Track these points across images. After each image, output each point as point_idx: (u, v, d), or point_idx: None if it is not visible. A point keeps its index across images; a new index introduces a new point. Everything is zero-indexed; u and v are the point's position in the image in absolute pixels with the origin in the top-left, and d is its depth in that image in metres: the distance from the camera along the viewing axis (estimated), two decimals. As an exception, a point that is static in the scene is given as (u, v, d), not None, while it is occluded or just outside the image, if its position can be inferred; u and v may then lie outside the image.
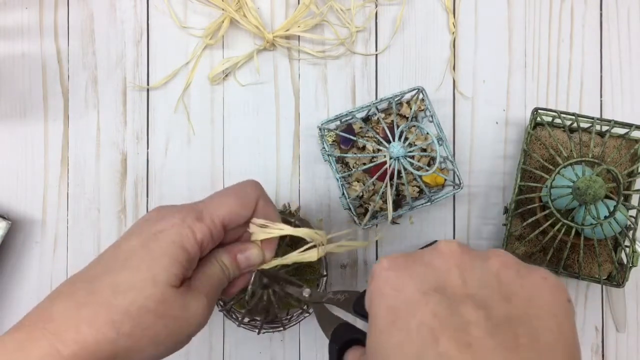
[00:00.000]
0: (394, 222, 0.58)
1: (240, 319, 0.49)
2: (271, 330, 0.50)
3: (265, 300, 0.45)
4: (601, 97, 0.58)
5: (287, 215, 0.51)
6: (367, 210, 0.55)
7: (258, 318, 0.50)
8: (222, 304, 0.49)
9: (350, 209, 0.54)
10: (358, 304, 0.37)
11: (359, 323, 0.55)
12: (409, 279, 0.28)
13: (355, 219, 0.53)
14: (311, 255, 0.40)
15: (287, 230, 0.38)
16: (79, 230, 0.58)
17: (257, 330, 0.49)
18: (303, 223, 0.51)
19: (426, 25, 0.58)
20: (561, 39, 0.58)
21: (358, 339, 0.36)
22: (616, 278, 0.53)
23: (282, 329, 0.50)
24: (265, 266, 0.39)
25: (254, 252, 0.37)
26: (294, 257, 0.40)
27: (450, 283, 0.28)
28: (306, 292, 0.41)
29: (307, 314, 0.50)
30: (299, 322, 0.51)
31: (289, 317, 0.51)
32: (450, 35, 0.58)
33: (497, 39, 0.58)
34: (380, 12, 0.58)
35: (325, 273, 0.51)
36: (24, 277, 0.58)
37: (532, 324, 0.26)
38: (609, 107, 0.58)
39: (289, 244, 0.49)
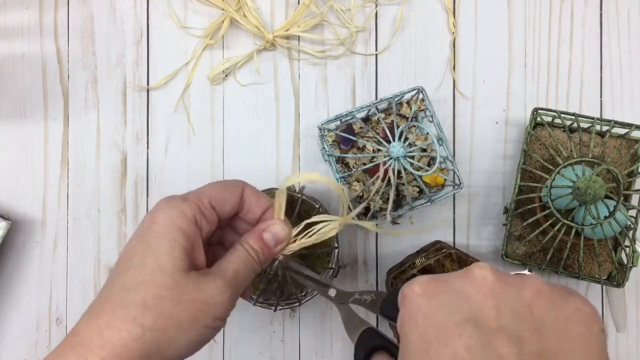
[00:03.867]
0: (394, 222, 0.58)
1: (255, 298, 0.49)
2: (287, 307, 0.50)
3: (280, 278, 0.44)
4: (601, 97, 0.58)
5: (294, 193, 0.51)
6: (367, 210, 0.55)
7: (273, 297, 0.50)
8: None
9: (350, 209, 0.53)
10: (386, 307, 0.37)
11: (384, 326, 0.55)
12: (442, 307, 0.28)
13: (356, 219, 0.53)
14: (332, 229, 0.39)
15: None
16: (79, 230, 0.58)
17: (273, 308, 0.49)
18: (309, 199, 0.50)
19: (426, 25, 0.58)
20: (561, 39, 0.58)
21: (384, 345, 0.36)
22: (616, 278, 0.53)
23: (298, 304, 0.50)
24: (287, 250, 0.39)
25: (278, 227, 0.37)
26: (317, 235, 0.39)
27: (483, 314, 0.27)
28: (332, 292, 0.41)
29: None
30: (314, 296, 0.50)
31: (303, 293, 0.51)
32: (450, 35, 0.58)
33: (497, 39, 0.58)
34: (380, 12, 0.58)
35: (336, 245, 0.51)
36: (24, 277, 0.58)
37: (565, 359, 0.26)
38: (609, 107, 0.58)
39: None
